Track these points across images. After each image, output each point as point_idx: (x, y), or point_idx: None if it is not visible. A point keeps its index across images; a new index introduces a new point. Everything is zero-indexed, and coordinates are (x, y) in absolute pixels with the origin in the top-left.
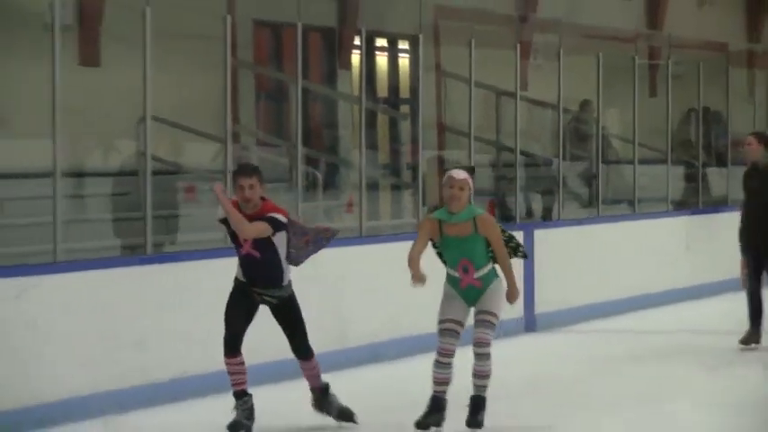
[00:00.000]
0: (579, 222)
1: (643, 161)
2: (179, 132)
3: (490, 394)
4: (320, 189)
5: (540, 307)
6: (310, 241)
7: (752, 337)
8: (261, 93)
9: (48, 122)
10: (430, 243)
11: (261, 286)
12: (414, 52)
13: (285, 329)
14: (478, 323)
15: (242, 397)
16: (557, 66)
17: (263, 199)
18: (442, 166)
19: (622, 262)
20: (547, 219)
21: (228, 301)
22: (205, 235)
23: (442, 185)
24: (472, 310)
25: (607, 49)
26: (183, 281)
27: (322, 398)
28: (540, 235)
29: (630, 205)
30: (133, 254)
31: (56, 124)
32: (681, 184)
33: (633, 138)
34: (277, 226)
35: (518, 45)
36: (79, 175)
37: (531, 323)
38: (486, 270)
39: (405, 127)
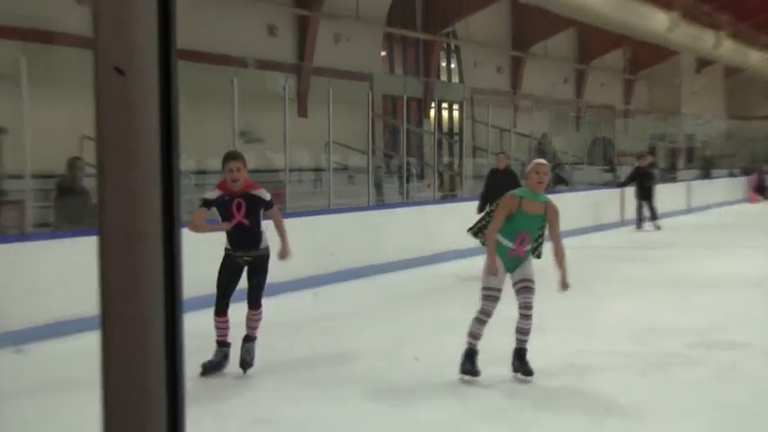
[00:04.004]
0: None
1: (573, 164)
2: (346, 149)
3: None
4: (414, 177)
5: None
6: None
7: None
8: (386, 129)
9: (281, 144)
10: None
11: (245, 249)
12: (461, 110)
13: (250, 281)
14: (523, 290)
15: (222, 346)
16: (531, 116)
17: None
18: (476, 168)
19: (568, 213)
20: None
21: (219, 271)
22: (346, 199)
23: (530, 170)
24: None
25: (555, 108)
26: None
27: (247, 345)
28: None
29: (566, 185)
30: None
31: (286, 145)
32: (595, 176)
33: (568, 152)
34: (270, 205)
35: (513, 106)
36: (298, 169)
37: None
38: (532, 245)
39: (456, 147)
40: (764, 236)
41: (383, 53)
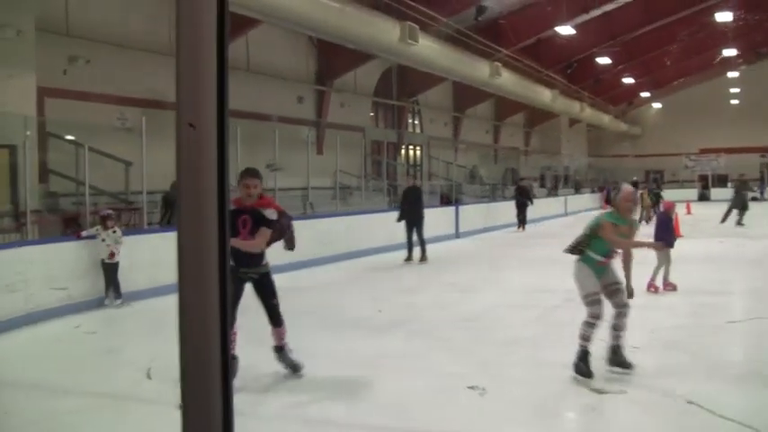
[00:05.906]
0: (475, 202)
1: (493, 184)
2: (348, 175)
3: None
4: (392, 193)
5: (462, 228)
6: (288, 228)
7: (409, 259)
8: (373, 162)
9: (305, 171)
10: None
11: (247, 266)
12: (422, 150)
13: (263, 302)
14: (615, 292)
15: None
16: (467, 155)
17: (260, 196)
18: (431, 187)
19: (490, 217)
20: (459, 202)
21: None
22: (348, 207)
23: (622, 198)
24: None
25: (481, 149)
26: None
27: (281, 354)
28: (462, 208)
29: (488, 198)
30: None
31: (308, 172)
32: (508, 192)
33: (490, 177)
34: (269, 225)
35: (454, 148)
36: (316, 188)
37: (458, 234)
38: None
39: (418, 174)
40: None
41: (371, 114)
